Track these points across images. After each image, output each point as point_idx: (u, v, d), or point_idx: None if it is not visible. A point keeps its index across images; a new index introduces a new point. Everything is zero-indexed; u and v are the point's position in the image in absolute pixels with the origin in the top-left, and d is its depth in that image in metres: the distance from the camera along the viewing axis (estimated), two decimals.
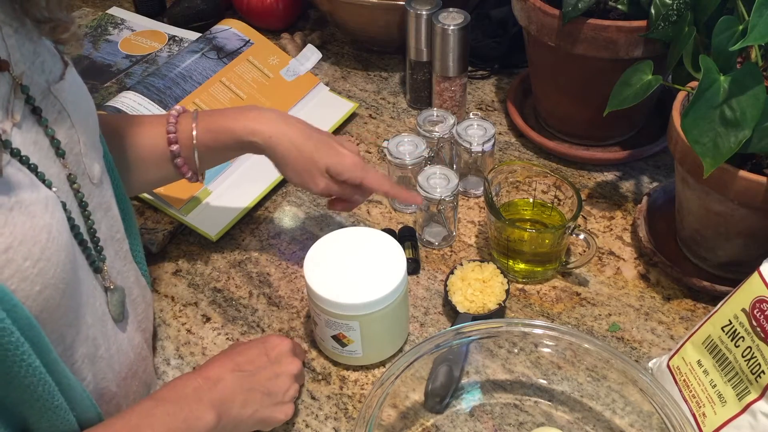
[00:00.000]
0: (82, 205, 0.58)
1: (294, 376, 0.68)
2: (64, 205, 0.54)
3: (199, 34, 1.10)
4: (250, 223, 0.91)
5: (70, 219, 0.55)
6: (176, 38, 1.16)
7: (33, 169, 0.52)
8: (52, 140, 0.55)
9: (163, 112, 0.95)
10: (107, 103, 0.96)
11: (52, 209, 0.51)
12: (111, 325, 0.62)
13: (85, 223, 0.59)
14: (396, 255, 0.72)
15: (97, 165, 0.62)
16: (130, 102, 0.96)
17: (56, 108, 0.56)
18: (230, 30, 1.07)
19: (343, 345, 0.72)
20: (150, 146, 0.74)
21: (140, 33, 1.18)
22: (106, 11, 1.23)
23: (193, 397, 0.61)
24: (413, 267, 0.84)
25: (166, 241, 0.88)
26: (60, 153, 0.56)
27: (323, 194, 0.77)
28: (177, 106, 0.76)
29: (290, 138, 0.73)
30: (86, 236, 0.59)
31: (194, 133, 0.73)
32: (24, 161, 0.51)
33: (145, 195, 0.90)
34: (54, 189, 0.53)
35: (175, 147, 0.74)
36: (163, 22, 1.21)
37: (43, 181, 0.53)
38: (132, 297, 0.67)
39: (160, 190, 0.89)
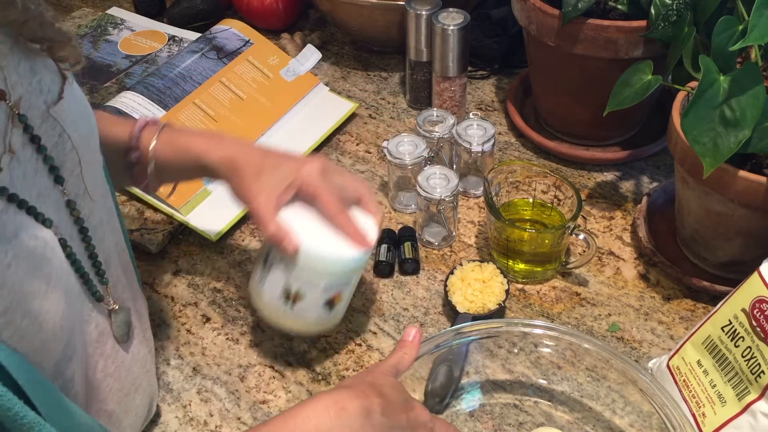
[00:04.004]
0: (82, 231, 0.57)
1: None
2: (64, 242, 0.53)
3: (199, 34, 1.10)
4: (250, 224, 0.91)
5: (70, 255, 0.54)
6: (176, 38, 1.16)
7: (31, 211, 0.49)
8: (52, 168, 0.53)
9: (164, 112, 0.95)
10: (107, 104, 0.96)
11: (51, 254, 0.50)
12: (111, 344, 0.60)
13: (86, 249, 0.57)
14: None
15: (98, 180, 0.61)
16: (130, 102, 0.96)
17: (56, 131, 0.54)
18: (230, 30, 1.07)
19: (333, 307, 0.70)
20: (112, 150, 0.70)
21: (140, 33, 1.18)
22: (106, 11, 1.23)
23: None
24: (413, 267, 0.84)
25: (166, 242, 0.88)
26: (59, 180, 0.54)
27: (259, 212, 0.67)
28: (149, 117, 0.74)
29: (247, 162, 0.68)
30: (87, 266, 0.57)
31: (153, 143, 0.70)
32: (22, 205, 0.49)
33: (145, 195, 0.90)
34: (53, 224, 0.51)
35: (134, 155, 0.71)
36: (162, 22, 1.20)
37: (44, 221, 0.50)
38: (136, 308, 0.66)
39: (160, 190, 0.89)
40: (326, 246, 0.67)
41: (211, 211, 0.90)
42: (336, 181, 0.70)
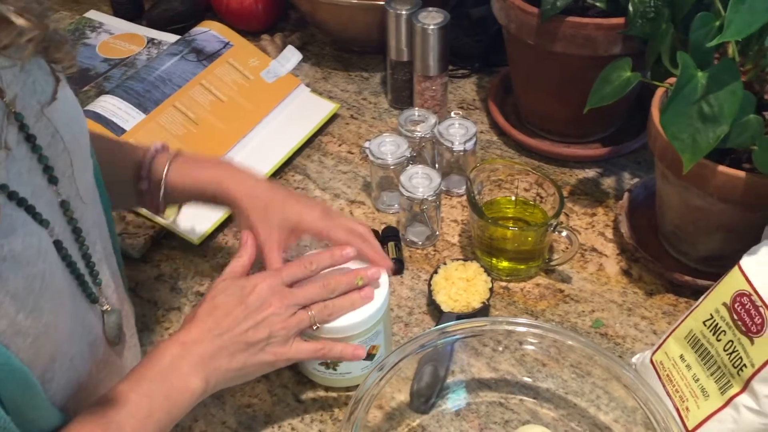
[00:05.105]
0: (76, 231, 0.57)
1: (278, 315, 0.64)
2: (59, 243, 0.53)
3: (178, 37, 1.09)
4: (233, 226, 0.90)
5: (66, 257, 0.54)
6: (155, 41, 1.15)
7: (30, 209, 0.50)
8: (46, 168, 0.54)
9: (143, 115, 0.95)
10: (86, 108, 0.95)
11: (46, 252, 0.50)
12: (104, 348, 0.61)
13: (80, 250, 0.58)
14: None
15: (89, 183, 0.61)
16: (110, 106, 0.95)
17: (49, 131, 0.54)
18: (209, 32, 1.07)
19: (372, 357, 0.71)
20: (121, 176, 0.74)
21: (119, 36, 1.17)
22: (84, 15, 1.22)
23: (171, 368, 0.59)
24: (397, 267, 0.84)
25: (148, 246, 0.88)
26: (53, 180, 0.54)
27: (261, 245, 0.72)
28: (158, 143, 0.75)
29: (254, 195, 0.72)
30: (82, 268, 0.57)
31: (164, 175, 0.73)
32: (22, 203, 0.49)
33: None
34: (49, 224, 0.52)
35: (144, 185, 0.74)
36: (141, 24, 1.20)
37: (41, 221, 0.51)
38: (124, 312, 0.66)
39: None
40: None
41: (193, 214, 0.89)
42: (338, 221, 0.73)
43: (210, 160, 0.78)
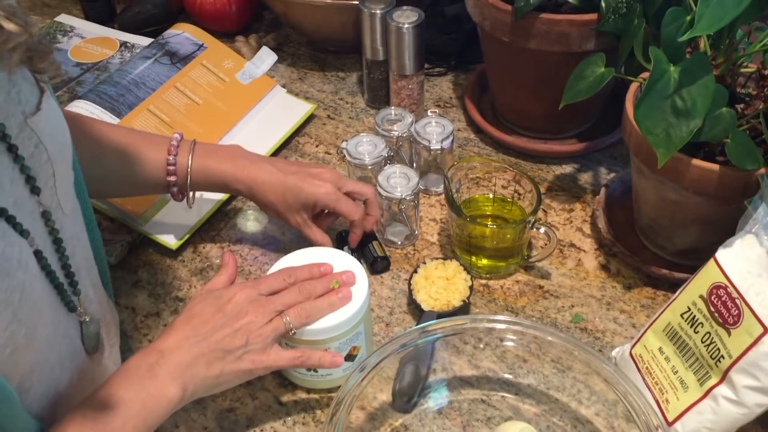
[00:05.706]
0: (57, 242, 0.57)
1: (255, 323, 0.65)
2: (39, 253, 0.53)
3: (151, 40, 1.08)
4: (210, 230, 0.90)
5: (45, 267, 0.54)
6: (128, 44, 1.14)
7: (10, 220, 0.50)
8: (28, 178, 0.53)
9: (117, 120, 0.94)
10: None
11: (26, 263, 0.50)
12: (83, 357, 0.61)
13: (59, 260, 0.57)
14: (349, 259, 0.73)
15: (70, 195, 0.61)
16: (83, 111, 0.94)
17: (33, 142, 0.54)
18: (183, 34, 1.06)
19: (353, 358, 0.71)
20: (150, 171, 0.79)
21: (91, 40, 1.15)
22: (55, 19, 1.20)
23: (148, 376, 0.59)
24: (383, 265, 0.84)
25: (125, 252, 0.87)
26: (35, 191, 0.54)
27: (297, 228, 0.81)
28: (176, 134, 0.80)
29: (270, 185, 0.79)
30: (61, 277, 0.57)
31: (189, 167, 0.79)
32: (2, 213, 0.49)
33: (102, 206, 0.88)
34: (30, 234, 0.52)
35: (173, 178, 0.79)
36: (113, 28, 1.18)
37: (21, 232, 0.51)
38: (105, 322, 0.66)
39: (117, 200, 0.88)
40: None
41: (170, 219, 0.89)
42: (349, 188, 0.81)
43: (224, 150, 0.82)
